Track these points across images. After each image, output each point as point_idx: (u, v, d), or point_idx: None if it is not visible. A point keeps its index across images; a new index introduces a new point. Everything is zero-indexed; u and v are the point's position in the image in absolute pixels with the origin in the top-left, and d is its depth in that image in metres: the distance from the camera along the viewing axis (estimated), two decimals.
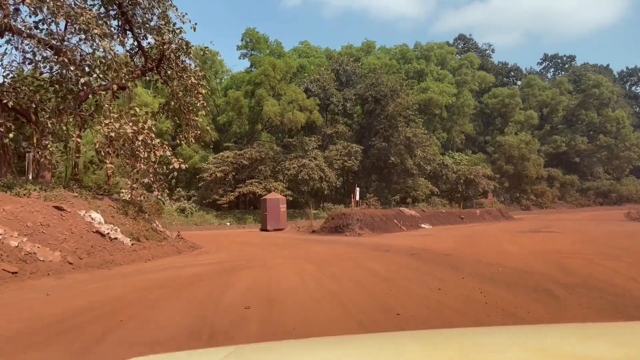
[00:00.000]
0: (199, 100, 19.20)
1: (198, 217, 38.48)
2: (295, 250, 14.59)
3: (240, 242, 19.33)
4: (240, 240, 20.24)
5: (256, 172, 39.74)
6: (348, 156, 43.30)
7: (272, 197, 27.62)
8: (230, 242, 19.83)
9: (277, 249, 15.27)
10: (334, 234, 22.87)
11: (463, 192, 53.85)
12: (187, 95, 19.41)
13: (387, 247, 14.93)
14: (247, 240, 20.44)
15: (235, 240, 20.33)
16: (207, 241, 20.81)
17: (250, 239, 21.37)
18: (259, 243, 18.64)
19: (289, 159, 40.61)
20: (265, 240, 20.53)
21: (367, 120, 48.05)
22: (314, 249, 14.84)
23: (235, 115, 44.03)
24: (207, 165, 39.48)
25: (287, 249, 15.38)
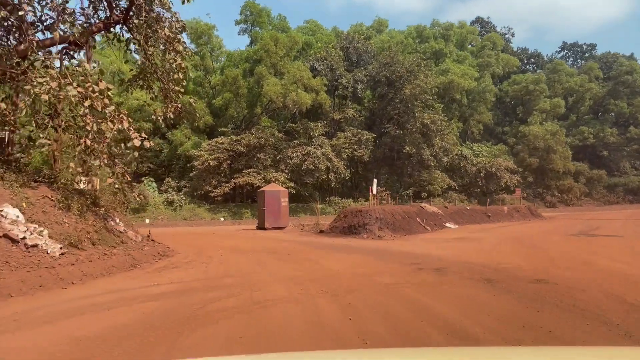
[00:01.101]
0: (176, 61, 14.94)
1: (188, 210, 34.42)
2: (301, 265, 10.46)
3: (228, 247, 15.22)
4: (230, 245, 16.12)
5: (254, 161, 35.58)
6: (358, 144, 39.11)
7: (272, 189, 23.49)
8: (216, 245, 15.73)
9: (275, 262, 11.14)
10: (347, 235, 18.76)
11: (483, 186, 49.67)
12: (165, 60, 15.20)
13: (427, 259, 10.84)
14: (239, 244, 16.32)
15: (223, 244, 16.21)
16: (189, 243, 16.76)
17: (243, 242, 17.25)
18: (253, 249, 14.52)
19: (292, 147, 36.45)
20: (261, 243, 16.41)
21: (379, 105, 43.79)
22: (327, 263, 10.72)
23: (232, 97, 39.80)
24: (199, 153, 35.33)
25: (290, 261, 11.26)
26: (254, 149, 35.56)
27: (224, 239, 18.73)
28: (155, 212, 33.43)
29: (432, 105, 41.84)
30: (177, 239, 18.83)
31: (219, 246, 15.40)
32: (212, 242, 17.26)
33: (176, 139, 39.54)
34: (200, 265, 10.64)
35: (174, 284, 7.81)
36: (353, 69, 41.86)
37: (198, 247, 15.35)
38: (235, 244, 16.16)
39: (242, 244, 16.35)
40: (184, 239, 18.80)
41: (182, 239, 18.81)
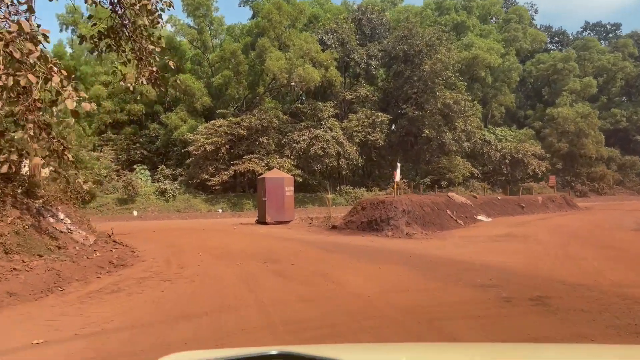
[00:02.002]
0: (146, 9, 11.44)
1: (182, 201, 31.12)
2: (310, 284, 7.06)
3: (215, 249, 11.86)
4: (219, 245, 12.75)
5: (256, 146, 32.11)
6: (372, 127, 35.45)
7: (274, 175, 20.01)
8: (201, 247, 12.36)
9: (273, 278, 7.75)
10: (366, 232, 15.31)
11: (508, 174, 45.88)
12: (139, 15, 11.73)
13: (496, 273, 7.43)
14: (230, 245, 12.93)
15: (210, 245, 12.84)
16: (168, 242, 13.47)
17: (237, 241, 13.86)
18: (247, 253, 11.15)
19: (298, 130, 32.90)
20: (259, 244, 13.01)
21: (394, 84, 40.00)
22: (349, 280, 7.32)
23: (231, 75, 36.21)
24: (194, 137, 31.91)
25: (295, 277, 7.86)
26: (255, 132, 32.08)
27: (214, 236, 15.35)
28: (145, 203, 30.19)
29: (454, 83, 37.99)
30: (156, 236, 15.51)
31: (204, 248, 12.02)
32: (197, 241, 13.89)
33: (171, 123, 36.16)
34: (160, 285, 7.25)
35: (78, 339, 4.38)
36: (366, 43, 38.04)
37: (176, 249, 11.99)
38: (225, 245, 12.77)
39: (235, 244, 12.96)
40: (165, 236, 15.45)
41: (162, 236, 15.47)
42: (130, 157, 37.12)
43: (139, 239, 14.48)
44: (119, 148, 37.48)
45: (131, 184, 29.71)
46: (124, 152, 37.43)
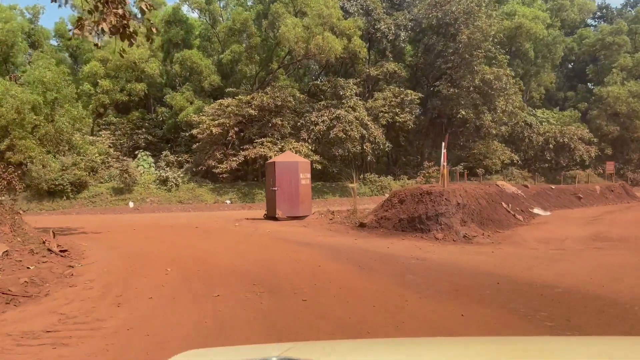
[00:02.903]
0: None
1: (186, 191, 27.71)
2: None
3: (191, 267, 8.30)
4: (202, 256, 9.19)
5: (269, 128, 28.44)
6: (400, 107, 31.40)
7: (287, 159, 16.24)
8: (174, 258, 8.77)
9: (269, 338, 3.95)
10: (408, 232, 11.57)
11: (552, 160, 41.38)
12: None
13: None
14: (217, 255, 9.36)
15: (189, 255, 9.27)
16: (133, 251, 9.88)
17: (229, 250, 10.25)
18: (236, 271, 7.61)
19: (317, 110, 29.07)
20: (259, 255, 9.37)
21: (424, 59, 35.79)
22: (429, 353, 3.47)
23: (242, 50, 32.54)
24: (199, 118, 28.38)
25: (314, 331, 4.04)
26: (268, 112, 28.38)
27: (204, 238, 11.75)
28: (144, 193, 26.86)
29: (494, 56, 33.60)
30: (130, 238, 12.03)
31: (180, 259, 8.45)
32: (178, 246, 10.32)
33: (176, 104, 32.70)
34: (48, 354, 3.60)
35: None
36: (394, 12, 33.81)
37: (140, 261, 8.43)
38: (212, 254, 9.16)
39: (226, 253, 9.35)
40: (141, 238, 11.95)
41: (138, 238, 11.97)
42: (135, 143, 33.88)
43: (105, 242, 11.01)
44: (123, 133, 34.31)
45: (127, 172, 26.36)
46: (127, 137, 34.23)
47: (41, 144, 27.78)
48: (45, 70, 28.16)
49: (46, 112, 27.89)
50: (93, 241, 11.30)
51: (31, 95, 26.01)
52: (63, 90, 29.28)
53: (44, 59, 30.54)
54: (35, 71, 28.47)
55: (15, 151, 25.67)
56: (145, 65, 32.82)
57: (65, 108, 28.41)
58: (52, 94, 28.42)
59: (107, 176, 28.06)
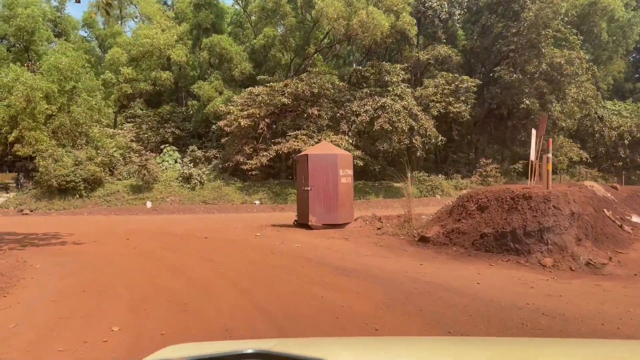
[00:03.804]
0: None
1: (211, 190, 24.88)
2: None
3: (169, 316, 4.96)
4: (192, 288, 5.95)
5: (304, 120, 25.26)
6: (454, 96, 27.57)
7: (323, 151, 12.85)
8: (148, 296, 5.56)
9: None
10: (493, 254, 8.10)
11: (627, 158, 36.44)
12: None
13: None
14: (218, 285, 6.10)
15: (186, 274, 6.03)
16: (99, 276, 6.66)
17: (241, 277, 6.99)
18: (239, 332, 4.13)
19: (359, 98, 25.65)
20: (281, 286, 6.15)
21: (481, 43, 31.74)
22: None
23: (276, 34, 29.58)
24: (226, 108, 25.50)
25: None
26: (304, 102, 25.19)
27: (207, 256, 8.57)
28: (164, 192, 24.17)
29: (564, 37, 29.21)
30: (117, 251, 9.05)
31: (150, 299, 5.29)
32: (163, 272, 7.19)
33: (204, 94, 29.99)
34: None
35: None
36: None
37: (91, 300, 5.30)
38: (204, 288, 5.99)
39: (229, 285, 6.14)
40: (128, 252, 8.92)
41: (126, 251, 8.96)
42: (162, 138, 31.41)
43: (72, 262, 8.06)
44: (149, 127, 31.96)
45: (146, 167, 23.72)
46: (154, 131, 31.83)
47: (55, 136, 25.61)
48: (61, 56, 25.96)
49: (61, 102, 25.70)
50: (59, 258, 8.36)
51: (42, 82, 23.76)
52: (82, 78, 27.18)
53: (62, 45, 28.45)
54: (50, 57, 26.36)
55: (24, 143, 23.49)
56: (171, 51, 30.27)
57: (82, 97, 26.20)
58: (70, 82, 26.26)
59: (126, 172, 25.57)
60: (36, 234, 12.22)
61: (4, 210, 21.23)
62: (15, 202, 21.96)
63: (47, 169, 21.71)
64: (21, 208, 21.23)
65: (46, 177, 21.80)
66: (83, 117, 24.97)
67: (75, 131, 25.44)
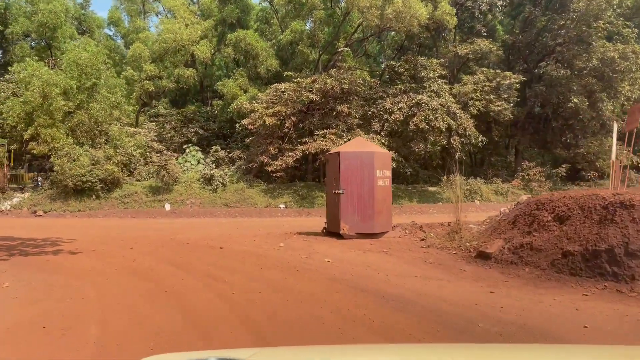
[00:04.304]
0: None
1: (234, 192, 23.46)
2: None
3: None
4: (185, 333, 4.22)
5: (333, 118, 23.63)
6: (495, 94, 25.52)
7: (357, 149, 11.11)
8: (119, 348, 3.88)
9: None
10: (582, 278, 6.26)
11: None
12: None
13: None
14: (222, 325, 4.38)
15: (179, 305, 4.36)
16: (82, 302, 4.98)
17: (254, 312, 5.28)
18: None
19: (392, 95, 23.87)
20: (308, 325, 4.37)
21: (523, 38, 29.56)
22: None
23: (303, 28, 28.10)
24: (250, 106, 24.09)
25: None
26: (333, 99, 23.57)
27: (217, 275, 6.97)
28: (184, 194, 22.87)
29: (617, 31, 26.84)
30: (115, 264, 7.58)
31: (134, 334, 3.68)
32: (154, 300, 5.60)
33: (227, 92, 28.68)
34: None
35: None
36: None
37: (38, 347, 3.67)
38: (198, 326, 4.33)
39: (238, 322, 4.47)
40: (126, 266, 7.45)
41: (124, 264, 7.50)
42: (185, 138, 30.21)
43: (55, 279, 6.57)
44: (172, 126, 30.84)
45: (165, 168, 22.46)
46: (177, 131, 30.70)
47: (73, 134, 24.60)
48: (80, 51, 25.01)
49: (81, 99, 24.72)
50: (38, 275, 6.93)
51: (58, 77, 22.79)
52: (103, 75, 26.18)
53: (84, 41, 27.56)
54: (70, 52, 25.45)
55: (40, 141, 22.51)
56: (195, 47, 29.06)
57: (102, 94, 25.17)
58: (91, 79, 25.27)
59: (145, 173, 24.40)
60: (35, 240, 10.90)
61: (17, 211, 20.23)
62: (30, 203, 20.96)
63: (62, 168, 20.63)
64: (35, 209, 20.19)
65: (61, 176, 20.72)
66: (102, 115, 23.92)
67: (95, 129, 24.42)
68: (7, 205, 20.50)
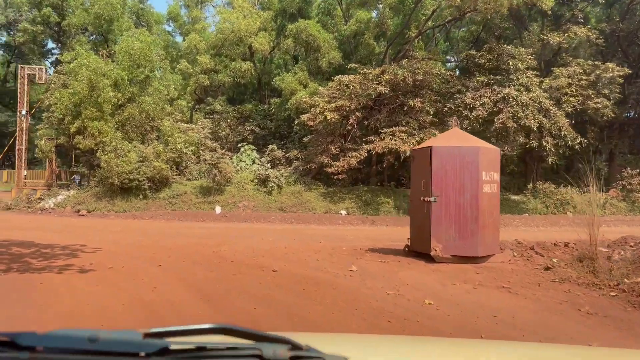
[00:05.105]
0: None
1: (290, 195, 21.33)
2: None
3: None
4: None
5: (402, 115, 20.98)
6: (594, 89, 21.93)
7: (455, 143, 8.46)
8: None
9: None
10: None
11: None
12: None
13: None
14: None
15: None
16: None
17: None
18: None
19: (473, 89, 20.92)
20: None
21: (626, 26, 25.63)
22: None
23: (370, 17, 25.65)
24: (310, 100, 21.88)
25: None
26: (402, 93, 20.92)
27: (261, 322, 4.57)
28: (237, 195, 20.93)
29: None
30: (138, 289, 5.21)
31: None
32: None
33: (286, 87, 26.64)
34: None
35: None
36: None
37: None
38: None
39: None
40: (153, 286, 5.17)
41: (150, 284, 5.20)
42: (241, 136, 28.47)
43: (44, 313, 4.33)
44: (228, 124, 29.23)
45: (217, 166, 20.64)
46: (232, 129, 29.05)
47: (123, 129, 23.31)
48: (133, 41, 23.76)
49: (132, 92, 23.42)
50: (13, 307, 4.81)
51: (107, 66, 21.48)
52: (157, 66, 24.85)
53: (137, 31, 26.39)
54: (123, 42, 24.29)
55: (86, 135, 21.25)
56: (253, 39, 27.24)
57: (155, 86, 23.79)
58: (144, 71, 23.95)
59: (196, 172, 22.74)
60: (53, 248, 9.07)
61: (60, 210, 18.97)
62: (74, 201, 19.68)
63: (109, 164, 19.20)
64: (78, 208, 18.86)
65: (107, 173, 19.31)
66: (154, 110, 22.51)
67: (146, 124, 23.05)
68: (51, 203, 19.32)
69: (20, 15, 33.80)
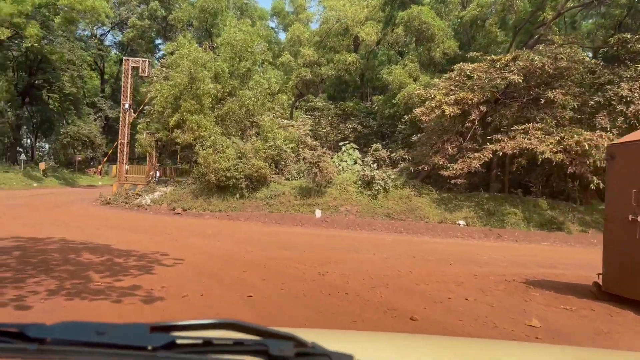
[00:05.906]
0: None
1: (397, 200, 18.92)
2: None
3: None
4: None
5: (536, 109, 17.67)
6: None
7: None
8: None
9: None
10: None
11: None
12: None
13: None
14: None
15: None
16: None
17: None
18: None
19: (629, 79, 17.05)
20: None
21: None
22: None
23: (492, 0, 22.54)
24: (425, 92, 19.30)
25: None
26: (537, 83, 17.63)
27: None
28: (339, 198, 18.95)
29: None
30: None
31: None
32: None
33: (394, 80, 24.30)
34: None
35: None
36: None
37: None
38: None
39: None
40: None
41: None
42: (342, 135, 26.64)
43: None
44: (329, 122, 27.55)
45: (318, 166, 18.81)
46: (333, 127, 27.32)
47: (222, 123, 22.33)
48: (236, 31, 22.77)
49: (232, 85, 22.40)
50: None
51: (207, 56, 20.47)
52: (258, 59, 23.69)
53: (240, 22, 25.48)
54: (225, 33, 23.42)
55: (185, 129, 20.44)
56: (359, 29, 25.20)
57: (255, 80, 22.59)
58: (245, 64, 22.87)
59: (295, 171, 21.14)
60: (128, 258, 7.64)
61: (155, 207, 18.24)
62: (171, 199, 18.90)
63: (206, 160, 18.14)
64: (174, 206, 17.99)
65: (204, 169, 18.26)
66: (255, 104, 21.28)
67: (246, 119, 21.92)
68: (148, 200, 18.68)
69: (131, 13, 34.84)
